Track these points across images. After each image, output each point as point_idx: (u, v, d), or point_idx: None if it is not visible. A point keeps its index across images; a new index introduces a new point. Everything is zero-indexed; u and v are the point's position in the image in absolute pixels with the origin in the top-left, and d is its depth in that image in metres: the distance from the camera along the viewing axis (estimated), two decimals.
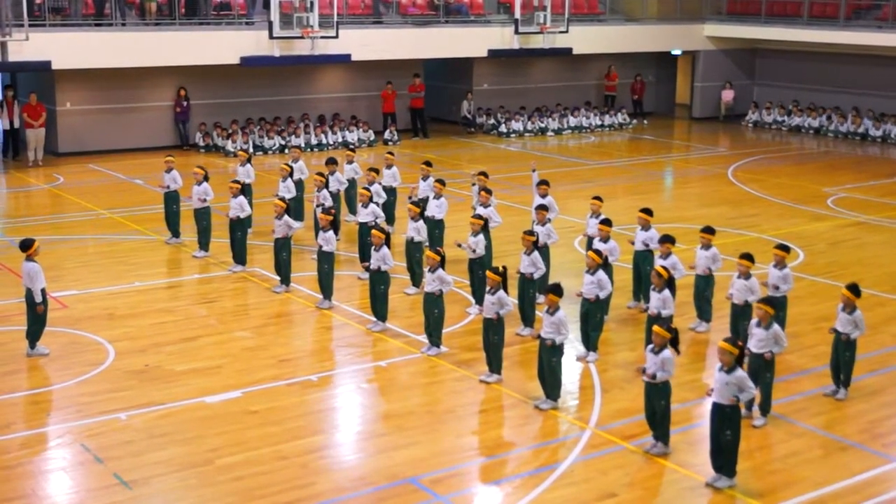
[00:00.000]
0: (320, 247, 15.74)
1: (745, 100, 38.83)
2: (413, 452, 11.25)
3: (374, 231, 14.64)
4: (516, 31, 33.63)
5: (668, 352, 10.92)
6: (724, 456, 10.45)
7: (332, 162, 19.80)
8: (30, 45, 25.96)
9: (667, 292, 13.17)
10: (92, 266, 18.46)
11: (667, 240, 14.90)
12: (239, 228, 17.67)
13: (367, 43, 31.18)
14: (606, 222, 15.45)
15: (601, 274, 13.82)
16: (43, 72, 27.77)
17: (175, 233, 19.65)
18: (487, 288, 12.89)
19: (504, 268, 13.10)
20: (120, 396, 12.58)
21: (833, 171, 28.61)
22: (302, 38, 29.43)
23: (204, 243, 18.74)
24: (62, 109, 29.21)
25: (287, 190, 19.10)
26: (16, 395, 12.72)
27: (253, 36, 29.41)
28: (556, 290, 12.28)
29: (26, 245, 13.73)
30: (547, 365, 12.26)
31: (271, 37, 29.13)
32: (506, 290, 13.03)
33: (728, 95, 38.71)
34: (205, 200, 18.45)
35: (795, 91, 37.72)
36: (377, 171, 18.97)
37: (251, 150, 30.19)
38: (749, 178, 27.30)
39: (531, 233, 14.92)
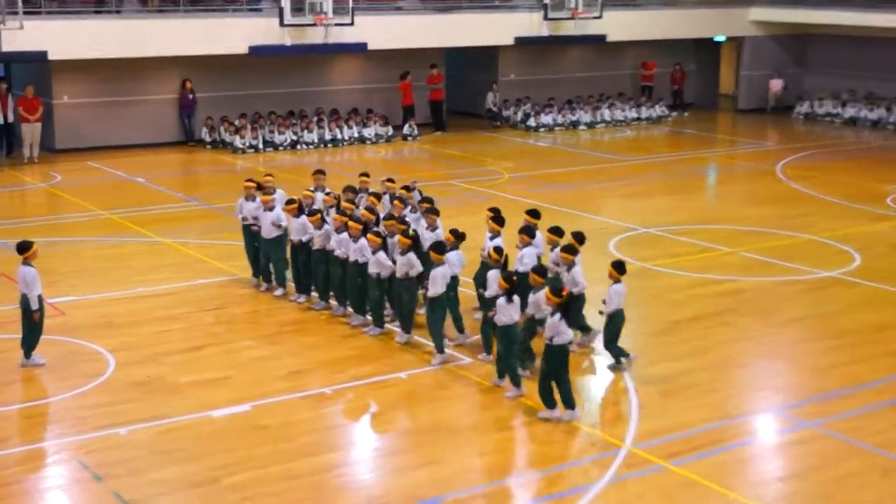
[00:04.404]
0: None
1: (795, 90, 38.63)
2: (434, 471, 11.22)
3: (400, 238, 14.69)
4: (545, 17, 33.60)
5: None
6: (539, 389, 12.30)
7: (352, 190, 17.33)
8: (24, 34, 26.13)
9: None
10: (91, 270, 18.54)
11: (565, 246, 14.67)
12: (303, 253, 16.35)
13: (385, 31, 31.24)
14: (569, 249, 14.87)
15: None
16: (39, 63, 27.95)
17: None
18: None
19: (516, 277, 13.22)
20: (120, 410, 12.61)
21: (893, 167, 28.40)
22: (315, 25, 29.51)
23: (280, 278, 17.03)
24: (59, 103, 29.39)
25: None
26: (10, 408, 12.78)
27: (262, 24, 29.51)
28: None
29: (24, 248, 13.81)
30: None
31: (282, 24, 29.24)
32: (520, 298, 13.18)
33: (776, 85, 38.53)
34: (279, 226, 16.65)
35: (850, 80, 37.47)
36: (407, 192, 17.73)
37: (261, 145, 30.29)
38: (800, 175, 27.16)
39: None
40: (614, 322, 13.97)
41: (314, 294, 16.56)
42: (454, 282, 14.60)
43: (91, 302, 16.74)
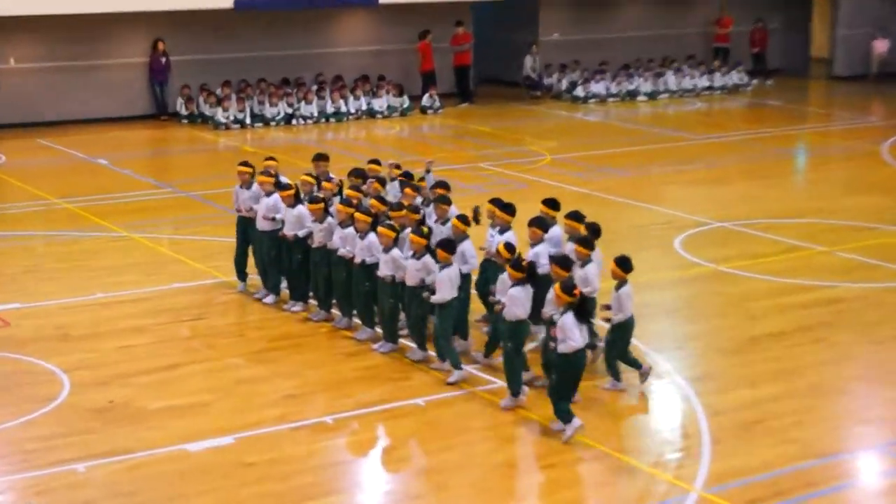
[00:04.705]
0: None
1: None
2: None
3: (412, 236, 14.60)
4: None
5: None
6: (553, 403, 12.65)
7: (359, 174, 17.23)
8: None
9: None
10: (42, 272, 18.62)
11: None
12: (299, 251, 16.38)
13: None
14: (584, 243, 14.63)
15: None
16: None
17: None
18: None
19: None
20: (77, 442, 12.60)
21: None
22: None
23: (272, 282, 17.08)
24: (4, 68, 29.57)
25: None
26: None
27: None
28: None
29: None
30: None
31: None
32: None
33: (881, 46, 38.35)
34: (273, 219, 16.68)
35: None
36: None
37: (248, 119, 30.34)
38: None
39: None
40: (624, 332, 14.01)
41: (312, 302, 16.56)
42: (467, 280, 14.55)
43: (42, 310, 16.78)
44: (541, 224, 14.75)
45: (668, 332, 16.28)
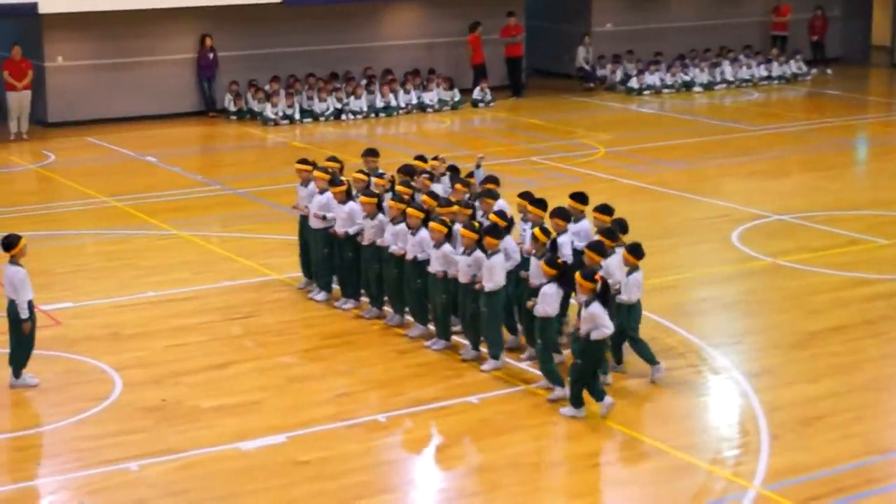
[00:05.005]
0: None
1: None
2: None
3: (463, 231, 14.62)
4: None
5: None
6: (571, 385, 13.05)
7: (407, 171, 17.11)
8: None
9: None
10: (91, 270, 18.83)
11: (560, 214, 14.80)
12: (350, 248, 16.54)
13: None
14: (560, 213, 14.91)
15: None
16: (27, 17, 28.37)
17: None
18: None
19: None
20: (129, 441, 12.76)
21: None
22: None
23: (324, 279, 17.18)
24: (52, 66, 29.79)
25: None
26: None
27: None
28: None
29: (10, 244, 14.03)
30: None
31: None
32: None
33: None
34: (324, 217, 16.76)
35: None
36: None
37: (297, 115, 30.47)
38: None
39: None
40: (630, 318, 14.13)
41: (364, 299, 16.68)
42: (511, 276, 14.65)
43: (92, 309, 16.96)
44: (563, 215, 14.83)
45: (725, 326, 16.28)
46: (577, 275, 12.97)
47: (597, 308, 12.85)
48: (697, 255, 19.29)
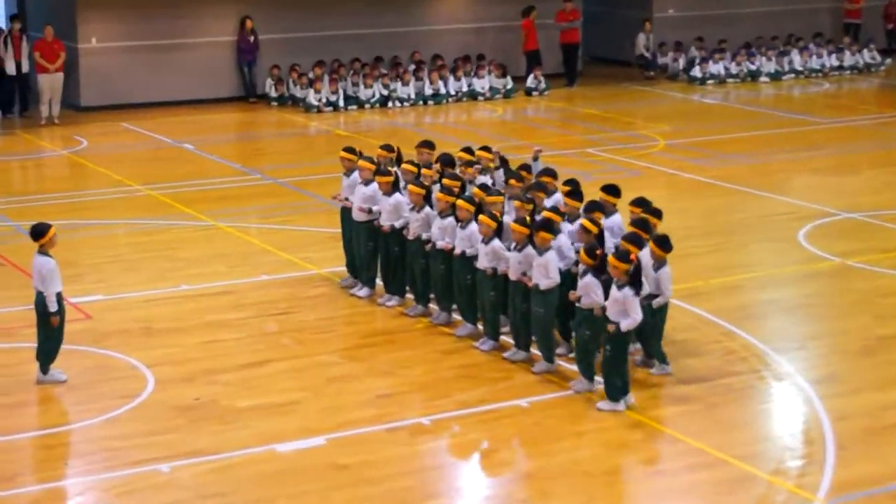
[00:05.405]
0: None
1: None
2: None
3: (513, 225, 14.48)
4: None
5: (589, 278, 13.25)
6: (605, 376, 13.32)
7: (447, 161, 17.19)
8: None
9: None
10: (124, 262, 18.94)
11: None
12: (396, 242, 16.53)
13: None
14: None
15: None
16: None
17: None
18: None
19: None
20: (161, 441, 12.80)
21: None
22: None
23: (367, 275, 17.22)
24: (86, 48, 30.00)
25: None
26: (23, 437, 13.04)
27: None
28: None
29: (39, 233, 14.09)
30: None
31: None
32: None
33: None
34: (369, 210, 16.72)
35: None
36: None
37: (341, 101, 30.51)
38: None
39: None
40: (661, 316, 14.16)
41: (409, 296, 16.70)
42: (566, 278, 14.61)
43: (124, 302, 17.06)
44: (599, 208, 14.84)
45: (789, 330, 16.20)
46: (611, 257, 13.14)
47: (628, 293, 12.98)
48: (761, 254, 19.20)
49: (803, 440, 12.95)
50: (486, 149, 17.40)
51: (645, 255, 13.89)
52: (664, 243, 14.06)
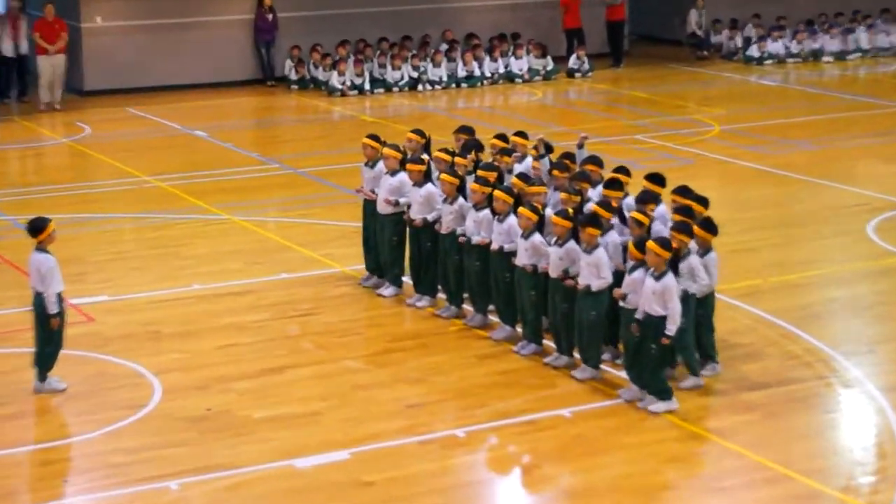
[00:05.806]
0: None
1: None
2: None
3: (554, 218, 14.40)
4: None
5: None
6: (648, 373, 13.36)
7: (477, 148, 17.20)
8: None
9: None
10: (130, 260, 18.93)
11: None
12: (427, 237, 16.45)
13: None
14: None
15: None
16: None
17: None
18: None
19: None
20: (169, 456, 12.74)
21: None
22: None
23: (393, 272, 17.18)
24: (89, 27, 30.06)
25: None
26: (18, 451, 12.98)
27: None
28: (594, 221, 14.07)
29: (37, 228, 14.07)
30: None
31: None
32: None
33: None
34: (396, 203, 16.64)
35: None
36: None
37: (367, 84, 30.45)
38: None
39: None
40: (706, 308, 14.16)
41: (441, 296, 16.60)
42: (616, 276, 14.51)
43: (130, 304, 17.03)
44: (653, 199, 14.86)
45: (857, 332, 16.15)
46: (650, 243, 13.17)
47: (670, 281, 13.02)
48: (827, 249, 19.13)
49: (875, 454, 12.84)
50: (521, 134, 17.24)
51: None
52: (710, 226, 14.08)
